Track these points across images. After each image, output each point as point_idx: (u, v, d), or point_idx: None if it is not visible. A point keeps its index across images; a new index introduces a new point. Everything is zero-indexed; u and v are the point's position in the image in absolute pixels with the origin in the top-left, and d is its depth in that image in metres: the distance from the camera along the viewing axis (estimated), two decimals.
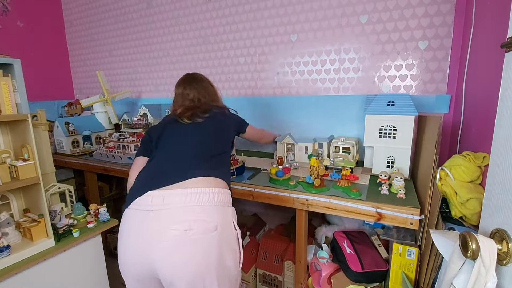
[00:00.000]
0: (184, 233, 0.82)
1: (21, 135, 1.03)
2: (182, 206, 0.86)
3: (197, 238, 0.83)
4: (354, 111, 1.67)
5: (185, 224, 0.83)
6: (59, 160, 1.98)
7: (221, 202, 0.91)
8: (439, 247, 0.66)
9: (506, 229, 0.52)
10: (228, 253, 0.88)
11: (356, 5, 1.60)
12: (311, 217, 1.73)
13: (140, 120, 2.04)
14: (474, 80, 1.22)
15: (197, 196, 0.87)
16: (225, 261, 0.87)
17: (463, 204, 0.91)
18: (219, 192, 0.91)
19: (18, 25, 2.50)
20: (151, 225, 0.85)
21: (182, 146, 1.04)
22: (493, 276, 0.51)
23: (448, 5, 1.40)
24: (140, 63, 2.48)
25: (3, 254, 0.92)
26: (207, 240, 0.84)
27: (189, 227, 0.83)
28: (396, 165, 1.31)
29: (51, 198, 1.24)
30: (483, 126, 1.07)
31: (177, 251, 0.83)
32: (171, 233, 0.83)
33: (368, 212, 1.07)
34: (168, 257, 0.83)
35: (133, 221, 0.89)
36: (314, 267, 1.36)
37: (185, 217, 0.85)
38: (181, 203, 0.86)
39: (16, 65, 1.09)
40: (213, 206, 0.89)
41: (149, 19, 2.34)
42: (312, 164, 1.22)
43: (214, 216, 0.87)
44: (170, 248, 0.83)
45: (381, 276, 1.18)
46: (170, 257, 0.83)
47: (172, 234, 0.83)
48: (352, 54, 1.66)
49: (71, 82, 2.99)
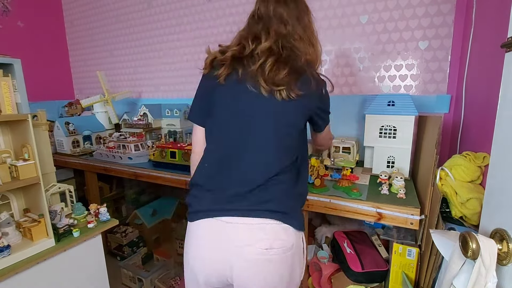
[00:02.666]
0: (265, 251, 0.77)
1: (21, 135, 1.03)
2: (262, 223, 0.79)
3: (276, 258, 0.78)
4: (354, 111, 1.67)
5: (266, 243, 0.77)
6: (59, 160, 1.98)
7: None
8: (439, 247, 0.66)
9: (506, 229, 0.52)
10: (298, 267, 0.85)
11: (357, 5, 1.60)
12: (311, 217, 1.73)
13: (140, 120, 2.04)
14: (474, 80, 1.22)
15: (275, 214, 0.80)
16: (294, 275, 0.84)
17: (463, 204, 0.91)
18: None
19: (19, 25, 2.50)
20: (231, 239, 0.79)
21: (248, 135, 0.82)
22: (493, 276, 0.51)
23: (448, 5, 1.40)
24: (140, 63, 2.48)
25: (3, 254, 0.92)
26: (285, 259, 0.80)
27: (270, 246, 0.77)
28: (396, 165, 1.31)
29: (51, 198, 1.24)
30: (483, 126, 1.06)
31: (256, 267, 0.78)
32: (251, 250, 0.77)
33: (368, 212, 1.07)
34: (247, 271, 0.79)
35: (211, 230, 0.81)
36: (314, 267, 1.36)
37: (266, 235, 0.78)
38: (262, 221, 0.79)
39: (16, 65, 1.09)
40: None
41: (150, 19, 2.34)
42: (312, 164, 1.22)
43: (292, 234, 0.81)
44: (249, 263, 0.78)
45: (381, 276, 1.17)
46: (248, 272, 0.79)
47: (252, 251, 0.77)
48: (352, 54, 1.66)
49: (71, 82, 2.99)
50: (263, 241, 0.77)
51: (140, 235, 2.17)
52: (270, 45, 0.80)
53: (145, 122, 2.04)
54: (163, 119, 2.13)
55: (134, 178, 1.70)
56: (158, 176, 1.58)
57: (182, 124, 2.07)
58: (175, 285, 1.74)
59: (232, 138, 0.84)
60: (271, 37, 0.81)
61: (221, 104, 0.85)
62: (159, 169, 1.60)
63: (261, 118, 0.81)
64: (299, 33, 0.83)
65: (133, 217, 2.23)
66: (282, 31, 0.82)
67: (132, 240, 2.10)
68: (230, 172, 0.82)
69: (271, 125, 0.81)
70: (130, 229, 2.13)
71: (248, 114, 0.81)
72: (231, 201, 0.80)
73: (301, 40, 0.83)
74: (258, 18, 0.86)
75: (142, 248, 2.13)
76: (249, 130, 0.81)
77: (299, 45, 0.83)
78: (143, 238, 2.16)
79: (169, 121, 2.10)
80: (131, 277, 1.82)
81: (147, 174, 1.62)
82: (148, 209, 2.23)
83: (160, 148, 1.64)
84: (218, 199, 0.82)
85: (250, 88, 0.79)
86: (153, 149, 1.80)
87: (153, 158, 1.66)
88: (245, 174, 0.81)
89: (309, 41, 0.85)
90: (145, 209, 2.23)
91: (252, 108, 0.81)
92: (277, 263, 0.79)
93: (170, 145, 1.61)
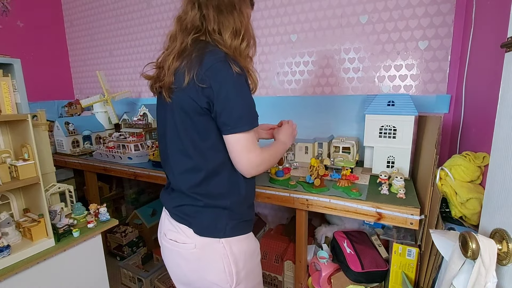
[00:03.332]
0: (170, 242, 0.88)
1: (21, 135, 1.03)
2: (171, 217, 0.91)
3: (178, 250, 0.86)
4: (354, 111, 1.67)
5: (172, 234, 0.88)
6: (59, 160, 1.98)
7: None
8: (439, 247, 0.66)
9: (506, 229, 0.52)
10: (210, 269, 0.84)
11: (356, 5, 1.60)
12: (311, 217, 1.73)
13: (140, 120, 2.04)
14: (474, 80, 1.22)
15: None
16: (206, 275, 0.85)
17: (463, 204, 0.91)
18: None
19: (18, 25, 2.50)
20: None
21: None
22: (493, 276, 0.51)
23: (448, 5, 1.40)
24: (140, 63, 2.48)
25: (3, 254, 0.92)
26: (188, 256, 0.85)
27: (174, 238, 0.87)
28: (396, 165, 1.31)
29: (51, 198, 1.24)
30: (483, 126, 1.06)
31: (167, 257, 0.93)
32: (164, 239, 0.91)
33: (368, 212, 1.07)
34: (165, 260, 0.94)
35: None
36: (314, 267, 1.36)
37: (172, 227, 0.89)
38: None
39: (16, 65, 1.09)
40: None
41: (149, 19, 2.34)
42: (312, 164, 1.22)
43: (195, 237, 0.84)
44: (165, 252, 0.93)
45: (381, 276, 1.17)
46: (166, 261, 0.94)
47: (164, 240, 0.91)
48: (352, 54, 1.66)
49: (71, 82, 2.99)
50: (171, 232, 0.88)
51: (140, 235, 2.17)
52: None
53: (145, 122, 2.04)
54: None
55: (133, 178, 1.70)
56: (158, 176, 1.58)
57: None
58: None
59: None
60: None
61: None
62: (159, 169, 1.60)
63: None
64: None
65: (132, 217, 2.23)
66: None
67: (132, 240, 2.10)
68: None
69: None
70: (130, 229, 2.13)
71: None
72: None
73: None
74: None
75: (141, 248, 2.13)
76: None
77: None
78: (142, 238, 2.16)
79: None
80: (131, 277, 1.82)
81: (147, 174, 1.62)
82: (147, 209, 2.23)
83: None
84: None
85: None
86: (152, 149, 1.80)
87: (153, 158, 1.66)
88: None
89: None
90: (144, 209, 2.23)
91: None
92: (182, 256, 0.86)
93: None
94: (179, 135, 0.81)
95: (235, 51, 0.80)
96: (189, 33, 0.82)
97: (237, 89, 0.76)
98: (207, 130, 0.79)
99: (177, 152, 0.84)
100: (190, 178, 0.82)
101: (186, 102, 0.77)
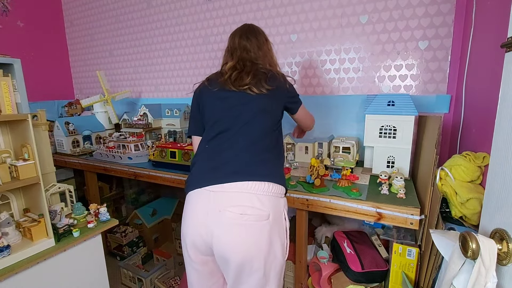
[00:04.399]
0: (239, 216, 0.88)
1: (21, 135, 1.03)
2: (239, 192, 0.91)
3: (250, 223, 0.88)
4: (354, 111, 1.67)
5: (240, 209, 0.88)
6: (59, 160, 1.98)
7: (275, 192, 0.94)
8: (439, 247, 0.66)
9: (506, 229, 0.52)
10: (277, 242, 0.92)
11: (356, 5, 1.60)
12: (311, 217, 1.73)
13: (140, 120, 2.04)
14: (474, 80, 1.22)
15: (253, 185, 0.91)
16: (274, 249, 0.91)
17: (463, 204, 0.91)
18: (274, 183, 0.94)
19: (18, 25, 2.50)
20: (213, 205, 0.91)
21: (234, 128, 1.01)
22: (493, 276, 0.51)
23: (448, 5, 1.40)
24: (140, 63, 2.48)
25: (3, 254, 0.92)
26: (259, 227, 0.89)
27: (244, 212, 0.88)
28: (396, 165, 1.31)
29: (51, 198, 1.24)
30: (483, 126, 1.06)
31: (231, 231, 0.89)
32: (227, 215, 0.89)
33: (368, 212, 1.07)
34: (223, 236, 0.89)
35: (199, 198, 0.95)
36: (314, 267, 1.36)
37: (241, 202, 0.90)
38: (239, 189, 0.91)
39: (16, 65, 1.09)
40: (268, 196, 0.92)
41: (149, 19, 2.34)
42: (312, 164, 1.22)
43: (267, 205, 0.91)
44: (225, 227, 0.89)
45: (381, 276, 1.18)
46: (225, 237, 0.89)
47: (228, 216, 0.88)
48: (352, 54, 1.66)
49: (71, 82, 2.99)
50: (238, 207, 0.89)
51: (140, 235, 2.17)
52: (234, 64, 1.08)
53: (145, 122, 2.04)
54: (163, 119, 2.13)
55: (134, 178, 1.70)
56: (158, 176, 1.58)
57: (182, 124, 2.07)
58: (175, 285, 1.74)
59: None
60: (234, 59, 1.10)
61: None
62: (159, 169, 1.60)
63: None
64: (260, 56, 1.13)
65: (133, 217, 2.23)
66: (244, 55, 1.11)
67: (132, 240, 2.10)
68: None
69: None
70: (130, 229, 2.13)
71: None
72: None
73: (262, 60, 1.12)
74: (227, 50, 1.17)
75: (142, 248, 2.13)
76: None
77: (261, 62, 1.11)
78: (143, 238, 2.16)
79: (169, 121, 2.10)
80: (131, 277, 1.82)
81: (147, 174, 1.62)
82: (148, 209, 2.23)
83: (160, 148, 1.64)
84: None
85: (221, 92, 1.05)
86: (153, 149, 1.80)
87: (153, 158, 1.66)
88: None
89: (268, 62, 1.15)
90: (145, 209, 2.23)
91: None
92: (251, 229, 0.89)
93: (170, 145, 1.61)
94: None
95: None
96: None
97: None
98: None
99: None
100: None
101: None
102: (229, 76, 1.04)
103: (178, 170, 1.53)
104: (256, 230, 0.89)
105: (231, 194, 0.91)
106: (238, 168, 0.94)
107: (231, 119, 1.00)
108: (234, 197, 0.91)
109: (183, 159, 1.55)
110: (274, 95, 1.04)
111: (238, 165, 0.95)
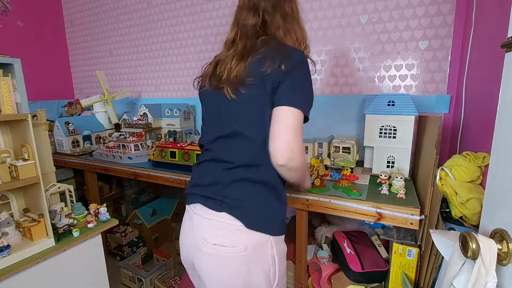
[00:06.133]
0: (213, 246, 0.82)
1: (21, 135, 1.03)
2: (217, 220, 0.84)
3: (226, 255, 0.81)
4: (354, 111, 1.67)
5: (216, 240, 0.82)
6: (59, 160, 1.98)
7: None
8: (439, 247, 0.66)
9: (506, 229, 0.52)
10: (258, 274, 0.83)
11: (357, 5, 1.60)
12: (311, 217, 1.73)
13: (140, 120, 2.04)
14: (474, 80, 1.22)
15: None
16: (254, 280, 0.84)
17: (463, 204, 0.91)
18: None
19: (18, 25, 2.50)
20: (194, 230, 0.87)
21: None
22: (493, 276, 0.50)
23: (448, 5, 1.40)
24: (140, 63, 2.48)
25: (3, 254, 0.92)
26: (237, 260, 0.81)
27: (221, 243, 0.81)
28: (396, 165, 1.31)
29: (51, 197, 1.24)
30: (483, 126, 1.06)
31: (209, 261, 0.84)
32: (205, 244, 0.83)
33: (368, 212, 1.07)
34: (202, 263, 0.85)
35: (188, 217, 0.92)
36: (314, 267, 1.36)
37: (217, 232, 0.83)
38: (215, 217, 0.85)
39: (16, 64, 1.09)
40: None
41: (149, 18, 2.34)
42: (312, 164, 1.22)
43: (245, 237, 0.82)
44: (204, 256, 0.84)
45: (381, 276, 1.18)
46: (203, 263, 0.85)
47: (205, 245, 0.83)
48: (352, 54, 1.66)
49: (71, 82, 2.99)
50: (214, 238, 0.82)
51: (140, 235, 2.17)
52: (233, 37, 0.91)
53: (145, 122, 2.04)
54: (163, 119, 2.13)
55: (134, 178, 1.70)
56: (158, 176, 1.58)
57: (182, 124, 2.07)
58: (175, 285, 1.74)
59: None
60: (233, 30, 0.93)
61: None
62: (159, 169, 1.60)
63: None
64: (277, 23, 0.90)
65: (132, 217, 2.23)
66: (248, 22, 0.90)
67: (132, 240, 2.10)
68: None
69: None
70: (130, 229, 2.13)
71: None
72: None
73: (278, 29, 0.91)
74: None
75: (142, 248, 2.13)
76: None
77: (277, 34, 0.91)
78: (142, 238, 2.16)
79: (169, 121, 2.10)
80: (131, 277, 1.82)
81: (147, 174, 1.62)
82: (147, 209, 2.23)
83: (160, 148, 1.64)
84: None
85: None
86: (153, 149, 1.80)
87: (153, 158, 1.66)
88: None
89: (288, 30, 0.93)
90: (144, 209, 2.23)
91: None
92: (228, 261, 0.81)
93: (170, 145, 1.61)
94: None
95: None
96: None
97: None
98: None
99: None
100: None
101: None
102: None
103: (178, 170, 1.53)
104: (233, 262, 0.81)
105: (209, 222, 0.85)
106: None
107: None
108: (210, 226, 0.84)
109: (183, 159, 1.54)
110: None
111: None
